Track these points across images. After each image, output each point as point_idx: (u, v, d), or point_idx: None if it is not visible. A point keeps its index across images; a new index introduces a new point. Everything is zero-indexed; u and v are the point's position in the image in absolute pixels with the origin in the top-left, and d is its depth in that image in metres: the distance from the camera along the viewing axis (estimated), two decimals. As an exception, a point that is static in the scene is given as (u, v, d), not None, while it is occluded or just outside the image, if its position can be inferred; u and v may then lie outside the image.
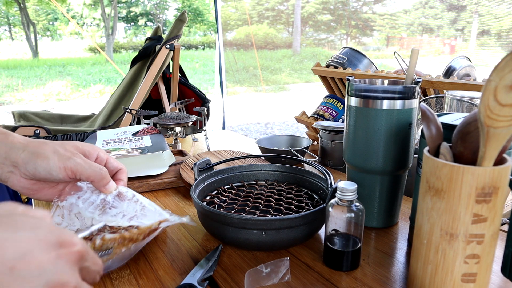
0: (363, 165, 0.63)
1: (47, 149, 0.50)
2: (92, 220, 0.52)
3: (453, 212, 0.40)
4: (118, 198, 0.55)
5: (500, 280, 0.51)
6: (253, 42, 9.80)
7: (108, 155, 0.58)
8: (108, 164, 0.57)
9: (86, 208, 0.53)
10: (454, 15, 11.82)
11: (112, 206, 0.54)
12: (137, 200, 0.56)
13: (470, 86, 0.93)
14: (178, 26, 1.53)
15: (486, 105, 0.37)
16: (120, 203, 0.54)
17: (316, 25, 12.87)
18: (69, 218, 0.53)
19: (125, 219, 0.52)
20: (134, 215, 0.53)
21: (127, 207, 0.54)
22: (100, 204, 0.53)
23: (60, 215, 0.53)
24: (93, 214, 0.52)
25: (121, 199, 0.55)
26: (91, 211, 0.53)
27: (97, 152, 0.56)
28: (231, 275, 0.52)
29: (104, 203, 0.54)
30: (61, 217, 0.53)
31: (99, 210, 0.53)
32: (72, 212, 0.53)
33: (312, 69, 1.48)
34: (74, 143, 0.54)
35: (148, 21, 15.51)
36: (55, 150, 0.50)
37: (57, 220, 0.53)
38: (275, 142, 1.10)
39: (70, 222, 0.53)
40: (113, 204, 0.54)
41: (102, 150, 0.58)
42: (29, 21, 12.81)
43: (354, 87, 0.62)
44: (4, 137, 0.50)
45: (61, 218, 0.53)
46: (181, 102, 1.26)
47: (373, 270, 0.53)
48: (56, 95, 7.99)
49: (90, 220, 0.52)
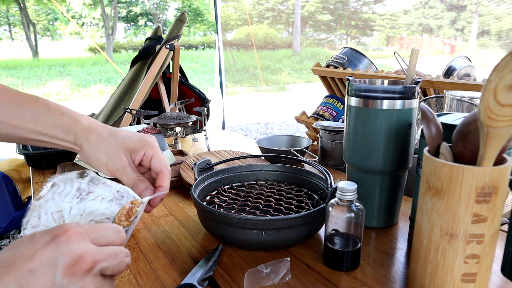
0: (363, 165, 0.63)
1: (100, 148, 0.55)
2: (71, 209, 0.52)
3: (453, 212, 0.40)
4: (92, 183, 0.55)
5: (500, 280, 0.51)
6: (253, 42, 9.79)
7: (156, 152, 0.59)
8: (152, 163, 0.59)
9: (62, 199, 0.52)
10: (454, 15, 11.82)
11: (89, 192, 0.53)
12: (110, 184, 0.56)
13: (470, 86, 0.93)
14: (178, 26, 1.53)
15: (486, 105, 0.37)
16: (95, 187, 0.54)
17: (316, 25, 12.87)
18: (45, 219, 0.52)
19: (105, 202, 0.52)
20: (113, 197, 0.54)
21: (104, 191, 0.54)
22: (77, 193, 0.53)
23: (36, 215, 0.52)
24: (71, 203, 0.52)
25: (95, 183, 0.55)
26: (68, 201, 0.52)
27: (144, 149, 0.58)
28: (231, 275, 0.52)
29: (79, 191, 0.53)
30: (38, 217, 0.51)
31: (76, 198, 0.52)
32: (48, 210, 0.52)
33: (312, 69, 1.48)
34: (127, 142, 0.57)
35: (148, 21, 15.50)
36: (106, 151, 0.55)
37: (33, 222, 0.51)
38: (275, 142, 1.10)
39: (47, 224, 0.51)
40: (89, 190, 0.54)
41: (152, 145, 0.59)
42: (29, 21, 12.81)
43: (354, 87, 0.62)
44: (74, 124, 0.55)
45: (37, 220, 0.51)
46: (181, 102, 1.26)
47: (373, 270, 0.53)
48: (56, 95, 7.99)
49: (69, 209, 0.52)
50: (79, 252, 0.33)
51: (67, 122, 0.55)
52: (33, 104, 0.55)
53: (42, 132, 0.54)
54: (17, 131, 0.54)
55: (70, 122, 0.55)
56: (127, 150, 0.57)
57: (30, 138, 0.55)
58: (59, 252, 0.33)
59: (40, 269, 0.32)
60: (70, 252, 0.33)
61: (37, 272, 0.32)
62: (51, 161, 1.02)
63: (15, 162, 2.09)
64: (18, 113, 0.54)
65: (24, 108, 0.54)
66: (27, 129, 0.54)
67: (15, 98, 0.54)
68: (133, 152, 0.58)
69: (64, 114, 0.56)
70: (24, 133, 0.54)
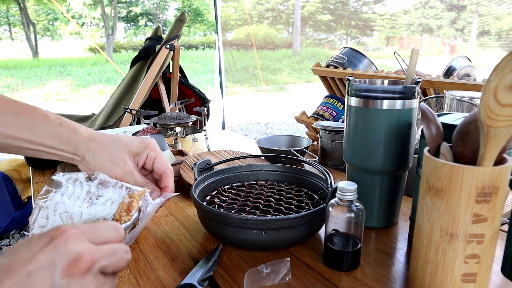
0: (363, 165, 0.63)
1: (104, 155, 0.56)
2: (81, 214, 0.52)
3: (453, 212, 0.40)
4: (102, 186, 0.55)
5: (500, 280, 0.51)
6: (253, 42, 9.79)
7: (158, 153, 0.60)
8: (155, 163, 0.60)
9: (73, 203, 0.52)
10: (454, 15, 11.81)
11: (98, 196, 0.53)
12: (122, 185, 0.55)
13: (470, 86, 0.93)
14: (178, 26, 1.53)
15: (486, 105, 0.37)
16: (104, 190, 0.54)
17: (316, 25, 12.86)
18: (53, 220, 0.52)
19: (114, 205, 0.52)
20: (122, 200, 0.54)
21: (113, 194, 0.54)
22: (86, 197, 0.53)
23: (44, 216, 0.52)
24: (81, 207, 0.52)
25: (104, 186, 0.55)
26: (78, 206, 0.52)
27: (147, 151, 0.60)
28: (231, 275, 0.52)
29: (89, 195, 0.53)
30: (46, 218, 0.52)
31: (86, 202, 0.53)
32: (57, 212, 0.52)
33: (312, 69, 1.48)
34: (130, 146, 0.58)
35: (148, 21, 15.50)
36: (111, 157, 0.56)
37: (41, 222, 0.51)
38: (275, 142, 1.10)
39: (55, 224, 0.51)
40: (99, 193, 0.54)
41: (154, 147, 0.60)
42: (29, 21, 12.80)
43: (354, 87, 0.62)
44: (72, 134, 0.56)
45: (45, 220, 0.52)
46: (181, 102, 1.26)
47: (373, 270, 0.53)
48: (56, 95, 7.99)
49: (79, 214, 0.52)
50: (76, 253, 0.33)
51: (66, 132, 0.55)
52: (31, 114, 0.54)
53: (39, 142, 0.54)
54: (13, 141, 0.54)
55: (69, 132, 0.56)
56: (131, 154, 0.59)
57: (27, 148, 0.55)
58: (57, 254, 0.33)
59: (39, 271, 0.32)
60: (68, 253, 0.33)
61: (36, 274, 0.32)
62: (51, 161, 1.02)
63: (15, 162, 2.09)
64: (15, 123, 0.53)
65: (21, 118, 0.54)
66: (24, 139, 0.54)
67: (12, 108, 0.54)
68: (137, 155, 0.59)
69: (63, 124, 0.56)
70: (21, 143, 0.54)
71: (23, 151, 0.56)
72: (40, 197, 0.53)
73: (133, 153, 0.59)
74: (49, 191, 0.54)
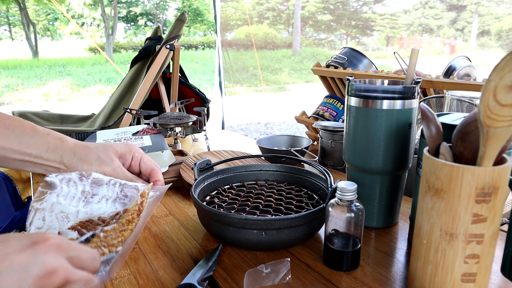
0: (363, 165, 0.63)
1: (91, 156, 0.57)
2: (77, 213, 0.52)
3: (453, 212, 0.40)
4: (95, 185, 0.55)
5: (500, 280, 0.51)
6: (253, 42, 9.78)
7: (143, 154, 0.62)
8: (142, 163, 0.62)
9: (69, 203, 0.52)
10: (454, 15, 11.81)
11: (93, 194, 0.54)
12: (115, 183, 0.56)
13: (470, 86, 0.93)
14: (178, 26, 1.53)
15: (486, 105, 0.37)
16: (99, 188, 0.55)
17: (316, 25, 12.86)
18: (50, 220, 0.51)
19: (109, 203, 0.53)
20: (117, 196, 0.54)
21: (107, 191, 0.55)
22: (82, 196, 0.53)
23: (40, 218, 0.51)
24: (77, 207, 0.52)
25: (98, 184, 0.55)
26: (74, 205, 0.52)
27: (132, 152, 0.61)
28: (231, 275, 0.52)
29: (85, 194, 0.54)
30: (42, 220, 0.51)
31: (82, 201, 0.53)
32: (53, 213, 0.52)
33: (312, 69, 1.48)
34: (115, 147, 0.60)
35: (148, 21, 15.50)
36: (98, 157, 0.57)
37: (38, 224, 0.51)
38: (275, 142, 1.10)
39: (51, 224, 0.51)
40: (94, 192, 0.54)
41: (138, 149, 0.62)
42: (29, 21, 12.80)
43: (354, 87, 0.62)
44: (60, 143, 0.57)
45: (42, 222, 0.51)
46: (181, 102, 1.26)
47: (373, 270, 0.53)
48: (56, 95, 7.99)
49: (76, 214, 0.52)
50: (53, 265, 0.32)
51: (53, 141, 0.56)
52: (19, 125, 0.55)
53: (26, 152, 0.55)
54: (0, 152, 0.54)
55: (56, 141, 0.56)
56: (117, 154, 0.60)
57: (13, 159, 0.55)
58: (34, 261, 0.32)
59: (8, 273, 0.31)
60: (45, 263, 0.32)
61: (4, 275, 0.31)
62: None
63: (15, 162, 2.09)
64: (3, 133, 0.54)
65: (10, 129, 0.54)
66: (11, 149, 0.54)
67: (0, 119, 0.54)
68: (122, 157, 0.60)
69: (50, 134, 0.57)
70: (7, 153, 0.54)
71: (9, 162, 0.56)
72: (35, 199, 0.53)
73: (118, 153, 0.60)
74: (44, 193, 0.53)
